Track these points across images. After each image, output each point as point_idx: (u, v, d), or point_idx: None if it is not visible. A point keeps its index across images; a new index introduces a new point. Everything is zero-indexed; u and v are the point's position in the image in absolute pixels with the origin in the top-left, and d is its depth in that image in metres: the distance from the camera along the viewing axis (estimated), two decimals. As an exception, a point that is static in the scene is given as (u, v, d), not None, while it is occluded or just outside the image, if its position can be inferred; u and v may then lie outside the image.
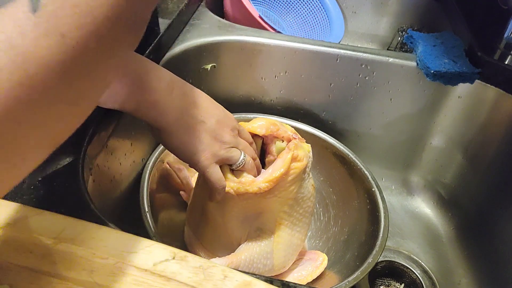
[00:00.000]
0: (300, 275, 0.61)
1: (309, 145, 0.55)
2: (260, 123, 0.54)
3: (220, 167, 0.50)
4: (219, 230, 0.57)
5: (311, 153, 0.55)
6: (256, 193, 0.50)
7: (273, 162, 0.52)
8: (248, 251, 0.55)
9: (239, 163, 0.49)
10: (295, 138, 0.53)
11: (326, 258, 0.63)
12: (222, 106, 0.51)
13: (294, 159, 0.51)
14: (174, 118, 0.45)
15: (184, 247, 0.63)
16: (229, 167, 0.50)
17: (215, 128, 0.47)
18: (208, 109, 0.48)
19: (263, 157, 0.56)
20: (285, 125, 0.55)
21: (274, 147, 0.54)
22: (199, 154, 0.46)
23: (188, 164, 0.49)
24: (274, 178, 0.49)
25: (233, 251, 0.56)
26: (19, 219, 0.36)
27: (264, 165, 0.55)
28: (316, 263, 0.62)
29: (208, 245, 0.59)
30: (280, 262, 0.57)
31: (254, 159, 0.52)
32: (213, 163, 0.48)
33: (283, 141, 0.54)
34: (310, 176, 0.57)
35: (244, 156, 0.50)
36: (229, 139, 0.48)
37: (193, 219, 0.61)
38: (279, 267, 0.58)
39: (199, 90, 0.49)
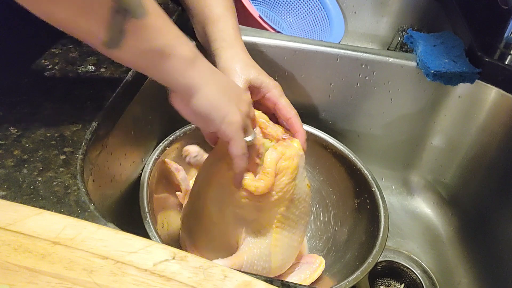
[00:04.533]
0: (298, 278, 0.61)
1: (298, 141, 0.54)
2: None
3: None
4: (214, 231, 0.56)
5: (302, 152, 0.54)
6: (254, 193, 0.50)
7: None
8: (248, 253, 0.54)
9: (251, 138, 0.49)
10: (284, 139, 0.53)
11: (324, 261, 0.62)
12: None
13: (281, 159, 0.51)
14: (208, 74, 0.45)
15: (184, 247, 0.63)
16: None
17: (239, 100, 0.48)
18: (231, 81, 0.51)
19: None
20: (276, 125, 0.55)
21: (262, 148, 0.53)
22: (230, 115, 0.45)
23: (209, 129, 0.47)
24: (268, 177, 0.49)
25: (228, 253, 0.56)
26: (19, 219, 0.36)
27: None
28: (313, 266, 0.62)
29: (201, 247, 0.58)
30: (277, 265, 0.57)
31: None
32: (241, 129, 0.47)
33: (271, 140, 0.54)
34: (305, 175, 0.56)
35: (255, 135, 0.50)
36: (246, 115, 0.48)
37: (188, 221, 0.60)
38: (276, 270, 0.57)
39: None
